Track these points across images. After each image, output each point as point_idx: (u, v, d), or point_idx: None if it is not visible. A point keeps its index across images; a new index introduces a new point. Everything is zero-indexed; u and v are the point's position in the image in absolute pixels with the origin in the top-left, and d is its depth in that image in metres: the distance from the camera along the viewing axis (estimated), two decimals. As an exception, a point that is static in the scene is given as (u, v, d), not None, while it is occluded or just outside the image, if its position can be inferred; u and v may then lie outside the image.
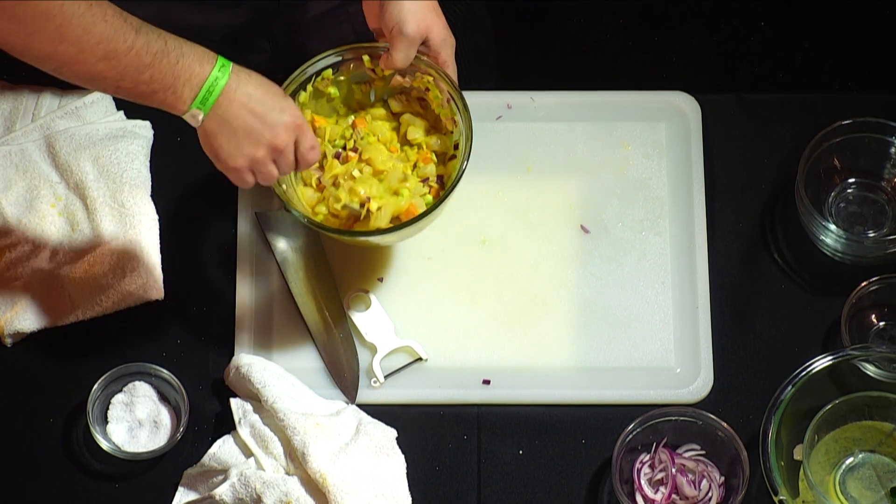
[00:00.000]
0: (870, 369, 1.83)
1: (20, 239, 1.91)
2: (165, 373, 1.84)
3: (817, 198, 1.92)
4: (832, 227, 1.87)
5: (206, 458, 1.82)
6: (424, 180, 1.81)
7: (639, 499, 1.81)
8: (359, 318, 1.89)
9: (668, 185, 1.96)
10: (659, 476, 1.82)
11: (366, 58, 1.80)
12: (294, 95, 1.79)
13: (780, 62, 2.79)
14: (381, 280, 1.92)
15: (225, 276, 1.92)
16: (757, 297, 1.91)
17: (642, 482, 1.81)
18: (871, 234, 1.92)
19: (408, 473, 1.82)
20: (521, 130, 1.98)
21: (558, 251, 1.93)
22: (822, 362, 1.78)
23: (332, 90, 1.82)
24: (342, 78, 1.82)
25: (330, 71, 1.81)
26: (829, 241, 1.89)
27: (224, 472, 1.79)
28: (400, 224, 1.76)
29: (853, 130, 1.91)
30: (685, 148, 1.97)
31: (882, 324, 1.89)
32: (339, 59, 1.80)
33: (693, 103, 1.99)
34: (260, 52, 1.94)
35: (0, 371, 1.88)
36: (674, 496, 1.81)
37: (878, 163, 1.94)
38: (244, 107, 1.64)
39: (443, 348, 1.89)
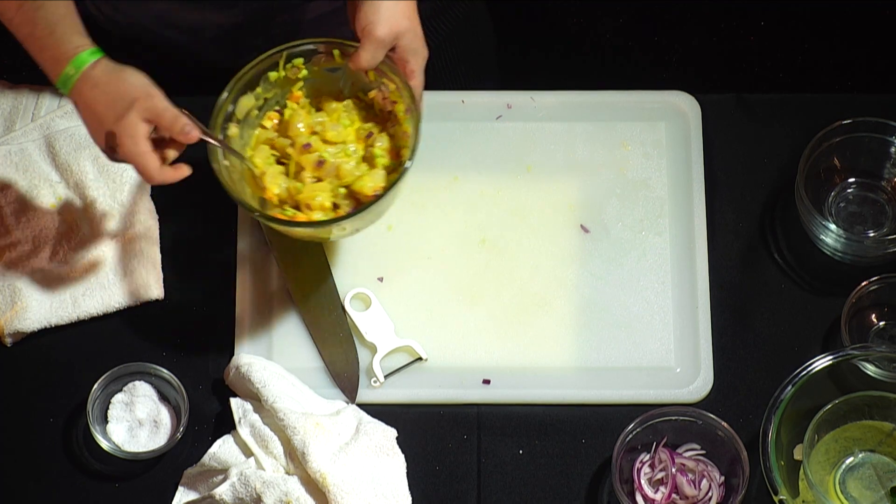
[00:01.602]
0: (870, 369, 1.83)
1: (20, 238, 1.91)
2: (165, 373, 1.84)
3: (817, 198, 1.92)
4: (832, 227, 1.88)
5: (206, 458, 1.82)
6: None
7: (639, 498, 1.81)
8: (359, 318, 1.89)
9: (668, 185, 1.96)
10: (659, 476, 1.82)
11: (336, 52, 1.80)
12: (263, 74, 1.79)
13: (780, 62, 2.80)
14: (381, 280, 1.92)
15: (225, 276, 1.92)
16: (757, 297, 1.91)
17: (642, 482, 1.81)
18: (871, 234, 1.92)
19: (408, 473, 1.82)
20: (521, 130, 1.98)
21: (558, 251, 1.93)
22: (822, 362, 1.78)
23: (304, 75, 1.82)
24: (315, 68, 1.82)
25: (301, 60, 1.81)
26: (829, 241, 1.89)
27: (224, 472, 1.79)
28: (327, 220, 1.76)
29: (853, 130, 1.91)
30: (685, 148, 1.97)
31: (882, 324, 1.89)
32: (312, 48, 1.80)
33: (693, 103, 1.99)
34: (257, 52, 1.94)
35: (0, 371, 1.88)
36: (674, 496, 1.81)
37: (878, 163, 1.94)
38: (88, 107, 1.70)
39: (443, 348, 1.89)
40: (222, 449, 1.82)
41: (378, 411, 1.85)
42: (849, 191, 1.95)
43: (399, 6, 1.74)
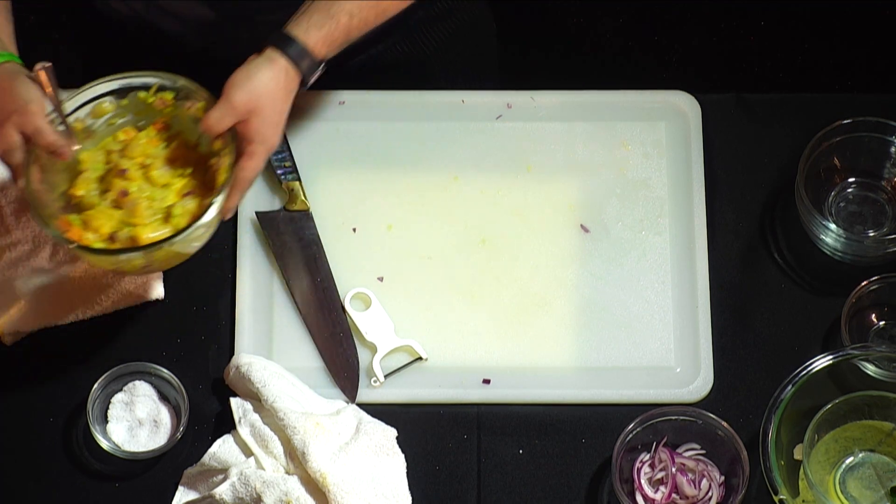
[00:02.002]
0: (870, 369, 1.83)
1: (20, 238, 1.91)
2: (165, 372, 1.84)
3: (817, 198, 1.92)
4: (832, 226, 1.88)
5: (206, 458, 1.82)
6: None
7: (639, 498, 1.81)
8: (359, 317, 1.89)
9: (668, 184, 1.96)
10: (659, 475, 1.82)
11: (200, 105, 1.77)
12: (134, 91, 1.79)
13: (780, 62, 2.80)
14: (381, 280, 1.92)
15: (225, 276, 1.92)
16: (757, 296, 1.91)
17: (642, 481, 1.81)
18: (871, 234, 1.92)
19: (408, 473, 1.82)
20: (521, 130, 1.98)
21: (558, 251, 1.93)
22: (821, 362, 1.78)
23: (170, 111, 1.80)
24: (182, 110, 1.80)
25: (172, 95, 1.79)
26: (829, 240, 1.89)
27: (224, 472, 1.79)
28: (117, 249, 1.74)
29: (853, 130, 1.91)
30: (685, 148, 1.97)
31: (882, 323, 1.89)
32: (184, 90, 1.79)
33: (693, 103, 1.99)
34: (240, 44, 1.93)
35: (0, 371, 1.88)
36: (674, 496, 1.81)
37: (878, 163, 1.94)
38: None
39: (443, 348, 1.89)
40: (222, 449, 1.82)
41: (378, 411, 1.85)
42: (849, 191, 1.95)
43: (270, 86, 1.74)
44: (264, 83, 1.74)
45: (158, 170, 1.78)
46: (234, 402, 1.83)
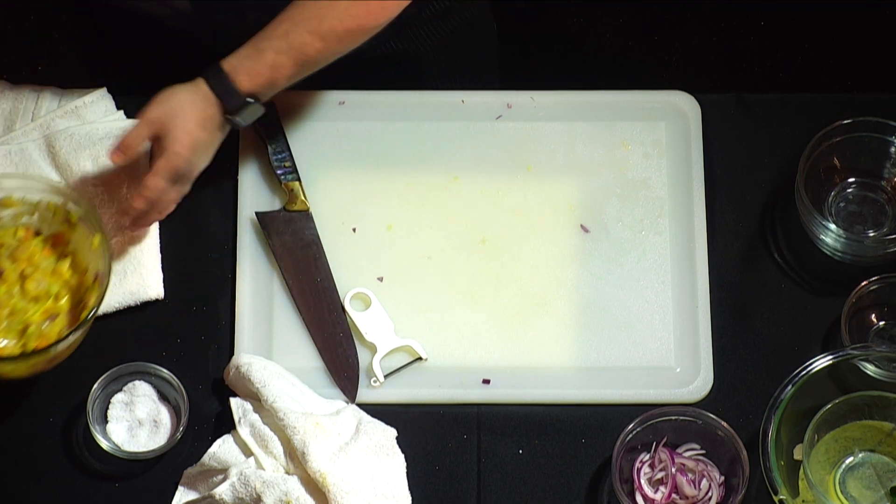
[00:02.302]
0: (870, 369, 1.83)
1: (20, 239, 1.91)
2: (165, 372, 1.84)
3: (817, 198, 1.92)
4: (832, 226, 1.88)
5: (205, 458, 1.82)
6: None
7: (639, 498, 1.81)
8: (359, 317, 1.89)
9: (668, 184, 1.96)
10: (659, 475, 1.82)
11: (97, 238, 1.78)
12: (47, 196, 1.81)
13: (780, 62, 2.80)
14: (381, 280, 1.92)
15: (225, 276, 1.92)
16: (757, 296, 1.91)
17: (642, 482, 1.81)
18: (871, 234, 1.92)
19: (408, 473, 1.82)
20: (521, 130, 1.98)
21: (558, 251, 1.93)
22: (821, 362, 1.78)
23: (71, 230, 1.82)
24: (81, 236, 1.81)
25: (77, 216, 1.79)
26: (829, 240, 1.89)
27: (224, 472, 1.79)
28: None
29: (853, 130, 1.91)
30: (685, 148, 1.97)
31: (882, 323, 1.89)
32: (84, 224, 1.80)
33: (693, 103, 1.99)
34: (230, 35, 1.93)
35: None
36: (674, 496, 1.81)
37: (878, 163, 1.94)
38: None
39: (443, 348, 1.89)
40: (222, 449, 1.82)
41: (378, 411, 1.85)
42: (849, 191, 1.95)
43: (185, 107, 1.77)
44: (180, 104, 1.78)
45: (36, 282, 1.79)
46: (234, 402, 1.83)
